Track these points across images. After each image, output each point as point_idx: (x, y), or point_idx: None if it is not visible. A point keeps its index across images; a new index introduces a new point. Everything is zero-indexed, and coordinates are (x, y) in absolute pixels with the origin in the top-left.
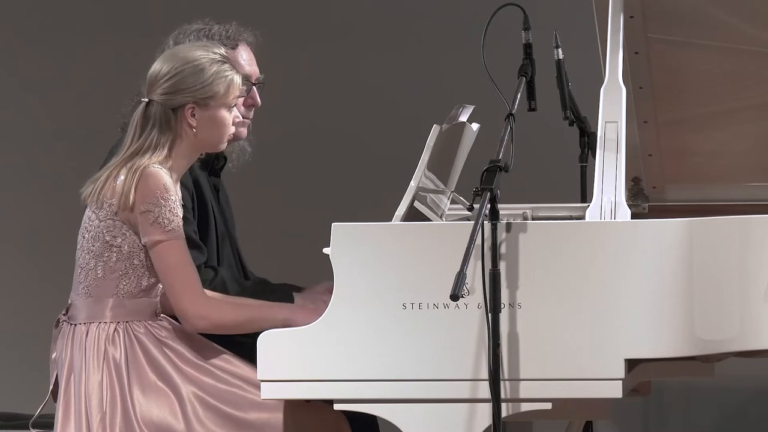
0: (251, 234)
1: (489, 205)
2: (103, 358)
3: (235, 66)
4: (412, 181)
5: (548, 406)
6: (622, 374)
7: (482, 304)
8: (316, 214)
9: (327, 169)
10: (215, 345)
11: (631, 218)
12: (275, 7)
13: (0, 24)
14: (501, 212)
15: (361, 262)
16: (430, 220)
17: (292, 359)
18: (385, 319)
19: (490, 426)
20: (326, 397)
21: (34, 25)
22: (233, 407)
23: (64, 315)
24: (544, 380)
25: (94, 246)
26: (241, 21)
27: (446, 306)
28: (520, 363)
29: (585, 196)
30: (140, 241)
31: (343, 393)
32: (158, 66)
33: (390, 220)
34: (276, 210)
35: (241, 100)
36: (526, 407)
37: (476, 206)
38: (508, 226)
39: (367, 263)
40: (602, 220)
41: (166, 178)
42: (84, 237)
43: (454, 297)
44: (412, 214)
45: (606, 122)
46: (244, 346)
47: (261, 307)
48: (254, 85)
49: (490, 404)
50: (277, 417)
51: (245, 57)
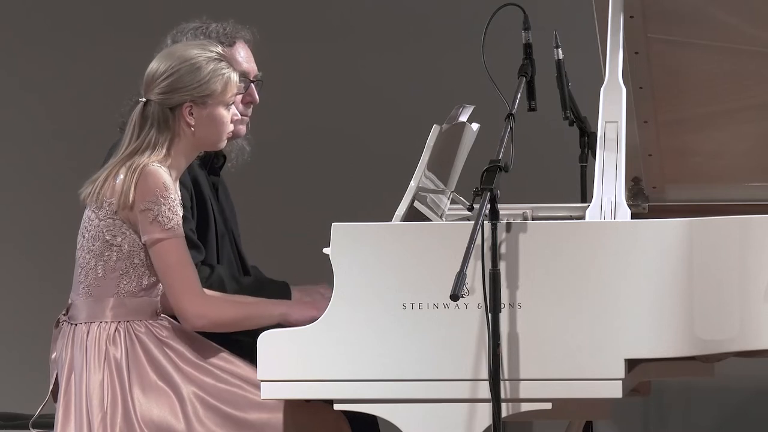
0: (251, 234)
1: (489, 205)
2: (104, 358)
3: (232, 64)
4: (412, 181)
5: (548, 406)
6: (622, 374)
7: (482, 304)
8: (316, 214)
9: (327, 169)
10: (215, 345)
11: (631, 218)
12: (275, 6)
13: (0, 24)
14: (501, 212)
15: (361, 262)
16: (430, 220)
17: (292, 359)
18: (385, 319)
19: (490, 426)
20: (326, 397)
21: (34, 25)
22: (233, 407)
23: (64, 315)
24: (544, 380)
25: (94, 245)
26: (242, 21)
27: (446, 306)
28: (520, 363)
29: (585, 196)
30: (140, 240)
31: (343, 393)
32: (155, 65)
33: (390, 220)
34: (276, 210)
35: (239, 97)
36: (526, 407)
37: (476, 206)
38: (508, 226)
39: (367, 263)
40: (602, 220)
41: (165, 176)
42: (84, 236)
43: (454, 297)
44: (412, 214)
45: (606, 122)
46: (243, 346)
47: (258, 303)
48: (252, 82)
49: (490, 404)
50: (278, 417)
51: (243, 54)
